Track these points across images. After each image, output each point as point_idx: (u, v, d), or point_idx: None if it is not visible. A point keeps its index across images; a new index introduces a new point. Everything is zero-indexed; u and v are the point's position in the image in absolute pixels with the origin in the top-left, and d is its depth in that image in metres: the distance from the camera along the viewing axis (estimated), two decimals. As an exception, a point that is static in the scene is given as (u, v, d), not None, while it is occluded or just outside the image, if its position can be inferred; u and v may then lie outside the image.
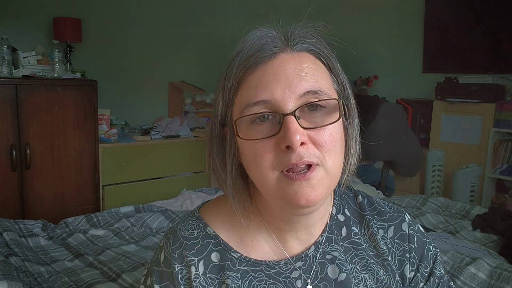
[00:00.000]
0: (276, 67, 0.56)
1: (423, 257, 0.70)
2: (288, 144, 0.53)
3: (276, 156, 0.55)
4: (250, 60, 0.57)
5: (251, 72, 0.57)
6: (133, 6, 3.45)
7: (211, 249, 0.64)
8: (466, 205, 2.37)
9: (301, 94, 0.55)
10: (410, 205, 2.38)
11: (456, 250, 1.69)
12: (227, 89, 0.59)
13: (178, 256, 0.63)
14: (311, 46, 0.59)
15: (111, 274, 1.55)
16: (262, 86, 0.56)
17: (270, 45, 0.58)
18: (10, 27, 2.87)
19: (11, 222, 1.94)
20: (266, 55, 0.57)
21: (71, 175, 2.78)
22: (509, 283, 1.42)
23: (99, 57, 3.30)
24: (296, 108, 0.55)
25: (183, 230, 0.65)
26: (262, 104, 0.56)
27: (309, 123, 0.56)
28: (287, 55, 0.58)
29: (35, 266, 1.57)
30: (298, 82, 0.55)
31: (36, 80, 2.61)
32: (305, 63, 0.58)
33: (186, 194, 2.58)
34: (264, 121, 0.56)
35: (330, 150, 0.56)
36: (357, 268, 0.66)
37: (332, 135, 0.57)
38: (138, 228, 2.06)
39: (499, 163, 3.31)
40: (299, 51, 0.58)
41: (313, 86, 0.56)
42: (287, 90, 0.55)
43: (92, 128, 2.82)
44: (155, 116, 3.69)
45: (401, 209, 0.74)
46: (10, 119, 2.52)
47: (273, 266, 0.64)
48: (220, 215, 0.67)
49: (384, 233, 0.69)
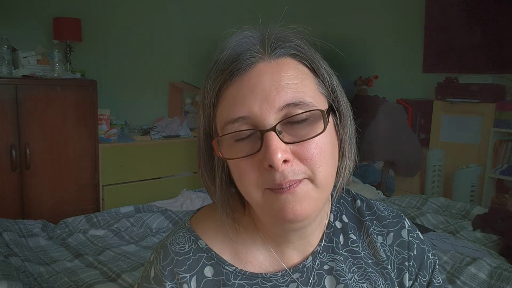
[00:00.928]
0: (252, 80, 0.52)
1: (422, 265, 0.68)
2: (269, 163, 0.50)
3: (260, 175, 0.52)
4: (224, 74, 0.54)
5: (227, 87, 0.54)
6: (133, 6, 3.45)
7: (204, 264, 0.61)
8: (466, 205, 2.37)
9: (280, 107, 0.51)
10: (410, 205, 2.38)
11: (456, 250, 1.69)
12: (206, 104, 0.56)
13: (168, 273, 0.60)
14: (291, 50, 0.55)
15: (111, 274, 1.55)
16: (239, 102, 0.52)
17: (246, 55, 0.53)
18: (10, 27, 2.87)
19: (11, 222, 1.94)
20: (241, 67, 0.53)
21: (71, 175, 2.78)
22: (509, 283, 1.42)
23: (99, 57, 3.30)
24: (276, 123, 0.51)
25: (173, 244, 0.62)
26: (241, 120, 0.52)
27: (292, 137, 0.52)
28: (264, 64, 0.53)
29: (35, 266, 1.57)
30: (277, 95, 0.51)
31: (36, 80, 2.61)
32: (284, 71, 0.53)
33: (186, 194, 2.58)
34: (245, 138, 0.53)
35: (318, 163, 0.53)
36: (355, 277, 0.64)
37: (319, 147, 0.53)
38: (138, 228, 2.06)
39: (499, 163, 3.31)
40: (278, 57, 0.54)
41: (294, 97, 0.52)
42: (265, 104, 0.51)
43: (92, 128, 2.82)
44: (155, 116, 3.69)
45: (401, 213, 0.71)
46: (10, 119, 2.52)
47: (270, 278, 0.61)
48: (212, 227, 0.63)
49: (383, 240, 0.67)
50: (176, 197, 2.59)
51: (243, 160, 0.53)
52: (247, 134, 0.53)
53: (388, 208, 0.71)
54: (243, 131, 0.52)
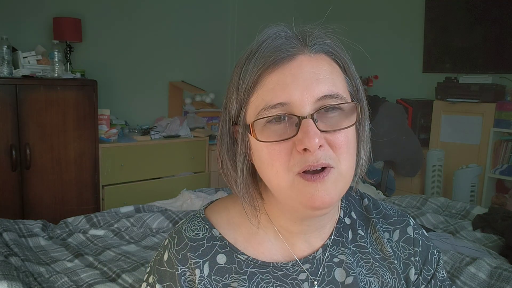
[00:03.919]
0: (294, 69, 0.56)
1: (426, 260, 0.70)
2: (306, 147, 0.53)
3: (292, 158, 0.55)
4: (267, 61, 0.56)
5: (268, 73, 0.56)
6: (133, 6, 3.45)
7: (217, 251, 0.64)
8: (466, 205, 2.37)
9: (319, 97, 0.55)
10: (410, 205, 2.38)
11: (456, 250, 1.69)
12: (242, 88, 0.58)
13: (182, 257, 0.63)
14: (328, 48, 0.59)
15: (111, 274, 1.55)
16: (280, 88, 0.55)
17: (287, 46, 0.56)
18: (10, 27, 2.87)
19: (11, 222, 1.94)
20: (284, 56, 0.56)
21: (71, 175, 2.78)
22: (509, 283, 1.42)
23: (99, 57, 3.30)
24: (314, 112, 0.55)
25: (188, 231, 0.65)
26: (280, 106, 0.55)
27: (326, 126, 0.56)
28: (305, 56, 0.57)
29: (35, 266, 1.57)
30: (316, 86, 0.55)
31: (36, 80, 2.61)
32: (322, 65, 0.57)
33: (186, 194, 2.57)
34: (280, 122, 0.56)
35: (344, 153, 0.56)
36: (362, 271, 0.66)
37: (347, 137, 0.57)
38: (138, 228, 2.06)
39: (499, 163, 3.31)
40: (316, 53, 0.57)
41: (330, 90, 0.56)
42: (305, 93, 0.55)
43: (92, 128, 2.82)
44: (155, 116, 3.69)
45: (405, 213, 0.74)
46: (10, 119, 2.52)
47: (280, 268, 0.64)
48: (226, 217, 0.66)
49: (389, 236, 0.70)
50: (176, 197, 2.58)
51: (276, 144, 0.56)
52: (282, 119, 0.56)
53: (393, 207, 0.75)
54: (284, 115, 0.55)
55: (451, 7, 3.64)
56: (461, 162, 3.39)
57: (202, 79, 3.87)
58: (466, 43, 3.55)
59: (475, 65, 3.52)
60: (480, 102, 3.31)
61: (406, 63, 3.91)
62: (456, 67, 3.60)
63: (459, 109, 3.43)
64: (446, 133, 3.54)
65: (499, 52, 3.38)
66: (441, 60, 3.74)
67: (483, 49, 3.47)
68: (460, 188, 3.29)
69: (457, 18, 3.62)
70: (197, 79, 3.84)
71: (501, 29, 3.36)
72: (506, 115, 3.22)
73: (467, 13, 3.55)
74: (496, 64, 3.41)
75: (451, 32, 3.65)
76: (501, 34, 3.36)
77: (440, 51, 3.74)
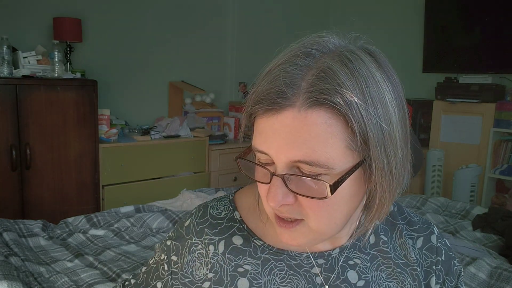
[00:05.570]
0: (277, 124, 0.51)
1: (449, 271, 0.71)
2: (269, 202, 0.53)
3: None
4: (258, 106, 0.53)
5: (258, 117, 0.54)
6: (133, 6, 3.45)
7: (234, 232, 0.66)
8: (466, 205, 2.37)
9: (293, 160, 0.51)
10: (410, 205, 2.39)
11: (456, 250, 1.69)
12: (246, 114, 0.57)
13: (199, 230, 0.65)
14: (328, 102, 0.49)
15: (111, 274, 1.55)
16: (263, 137, 0.53)
17: (280, 95, 0.51)
18: (10, 27, 2.87)
19: (11, 222, 1.94)
20: (272, 108, 0.51)
21: (71, 175, 2.78)
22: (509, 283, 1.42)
23: (99, 57, 3.30)
24: (285, 173, 0.52)
25: (213, 208, 0.68)
26: (263, 153, 0.54)
27: (298, 187, 0.52)
28: (293, 111, 0.50)
29: (35, 266, 1.57)
30: (291, 149, 0.51)
31: (36, 80, 2.61)
32: (308, 126, 0.50)
33: (186, 194, 2.57)
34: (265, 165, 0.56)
35: (316, 215, 0.53)
36: (382, 275, 0.66)
37: (323, 202, 0.52)
38: (138, 228, 2.06)
39: (499, 163, 3.31)
40: (310, 107, 0.50)
41: (306, 157, 0.50)
42: (280, 153, 0.52)
43: (92, 128, 2.83)
44: (155, 116, 3.69)
45: (430, 221, 0.74)
46: (10, 119, 2.52)
47: (295, 257, 0.64)
48: (250, 203, 0.68)
49: (413, 243, 0.70)
50: (176, 197, 2.58)
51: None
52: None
53: (417, 215, 0.75)
54: (262, 165, 0.55)
55: (451, 7, 3.64)
56: (461, 162, 3.40)
57: (202, 79, 3.87)
58: (466, 43, 3.55)
59: (475, 65, 3.52)
60: (480, 102, 3.31)
61: (406, 63, 3.91)
62: (456, 67, 3.60)
63: (459, 109, 3.43)
64: (446, 133, 3.55)
65: (499, 52, 3.38)
66: (441, 60, 3.74)
67: (483, 49, 3.47)
68: (460, 188, 3.29)
69: (457, 18, 3.62)
70: (197, 79, 3.84)
71: (501, 29, 3.36)
72: (506, 115, 3.22)
73: (467, 13, 3.55)
74: (496, 64, 3.41)
75: (451, 32, 3.65)
76: (501, 34, 3.36)
77: (440, 51, 3.74)
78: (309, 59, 0.52)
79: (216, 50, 4.02)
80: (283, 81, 0.51)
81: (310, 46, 0.53)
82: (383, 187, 0.54)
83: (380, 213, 0.58)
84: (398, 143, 0.54)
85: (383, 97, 0.52)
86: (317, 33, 0.56)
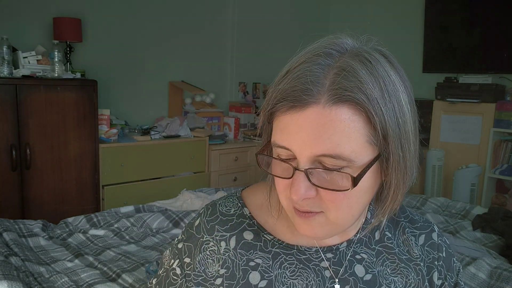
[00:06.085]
0: (301, 120, 0.53)
1: (449, 267, 0.74)
2: (292, 195, 0.55)
3: (289, 190, 0.57)
4: (282, 104, 0.54)
5: (280, 113, 0.55)
6: (133, 6, 3.45)
7: (245, 228, 0.67)
8: (466, 205, 2.37)
9: (317, 155, 0.53)
10: (410, 205, 2.39)
11: (456, 250, 1.70)
12: (266, 112, 0.58)
13: (210, 228, 0.67)
14: (352, 98, 0.52)
15: (111, 274, 1.55)
16: (286, 133, 0.55)
17: (305, 92, 0.52)
18: (10, 27, 2.87)
19: (11, 222, 1.94)
20: (296, 105, 0.53)
21: (71, 175, 2.78)
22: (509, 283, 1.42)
23: (99, 57, 3.30)
24: (308, 168, 0.54)
25: (222, 205, 0.69)
26: (284, 148, 0.55)
27: (320, 181, 0.54)
28: (318, 107, 0.52)
29: (35, 266, 1.57)
30: (316, 144, 0.52)
31: (36, 80, 2.61)
32: (332, 122, 0.52)
33: (186, 194, 2.57)
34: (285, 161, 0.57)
35: (336, 207, 0.56)
36: (387, 270, 0.69)
37: (344, 195, 0.55)
38: (138, 228, 2.06)
39: (499, 163, 3.32)
40: (335, 103, 0.52)
41: (331, 151, 0.52)
42: (304, 148, 0.53)
43: (92, 128, 2.83)
44: (155, 116, 3.69)
45: (430, 220, 0.78)
46: (10, 119, 2.52)
47: (304, 251, 0.66)
48: (259, 200, 0.70)
49: (415, 240, 0.73)
50: (176, 197, 2.59)
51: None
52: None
53: (418, 214, 0.78)
54: (283, 160, 0.56)
55: (450, 7, 3.64)
56: (461, 162, 3.40)
57: (202, 79, 3.87)
58: (466, 43, 3.55)
59: (475, 65, 3.52)
60: (480, 102, 3.31)
61: (406, 63, 3.88)
62: (456, 67, 3.61)
63: (459, 109, 3.43)
64: (446, 133, 3.55)
65: (499, 52, 3.38)
66: (441, 60, 3.74)
67: (483, 49, 3.47)
68: (460, 188, 3.29)
69: (457, 18, 3.62)
70: (197, 79, 3.84)
71: (501, 29, 3.36)
72: (506, 115, 3.22)
73: (467, 13, 3.55)
74: (496, 64, 3.41)
75: (451, 32, 3.65)
76: (501, 34, 3.36)
77: (440, 51, 3.74)
78: (330, 58, 0.54)
79: (216, 50, 4.03)
80: (308, 79, 0.53)
81: (329, 46, 0.56)
82: (398, 179, 0.57)
83: (394, 205, 0.61)
84: (411, 138, 0.57)
85: (399, 95, 0.55)
86: (333, 34, 0.59)
